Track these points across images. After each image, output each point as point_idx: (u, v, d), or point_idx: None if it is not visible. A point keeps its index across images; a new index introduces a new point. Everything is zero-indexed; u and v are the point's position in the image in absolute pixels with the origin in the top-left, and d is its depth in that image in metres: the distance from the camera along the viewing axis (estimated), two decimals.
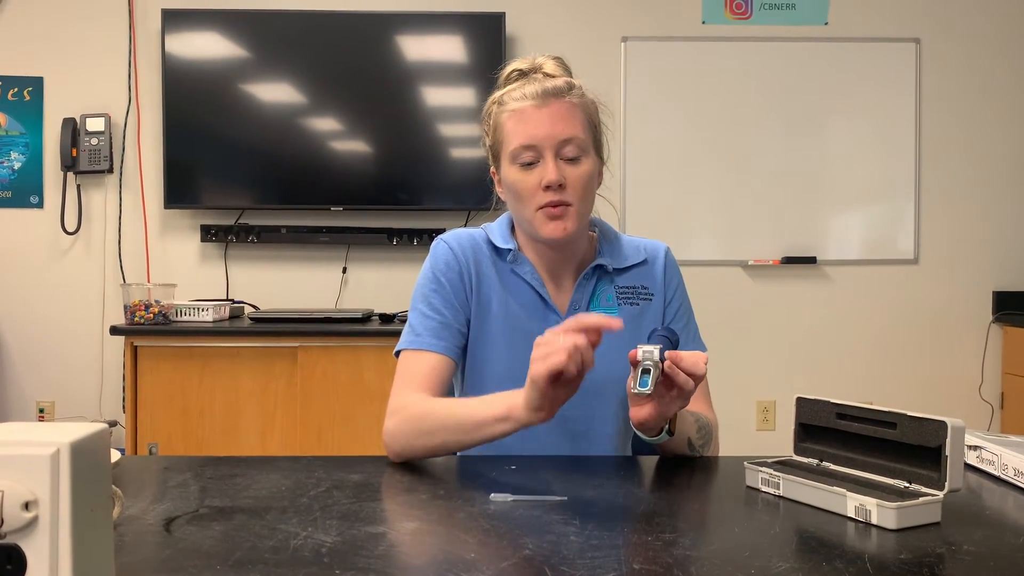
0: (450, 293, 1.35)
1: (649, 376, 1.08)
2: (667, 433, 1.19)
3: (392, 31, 3.53)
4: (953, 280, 3.75)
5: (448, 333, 1.33)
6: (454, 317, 1.34)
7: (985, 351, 3.74)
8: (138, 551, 0.82)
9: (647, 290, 1.40)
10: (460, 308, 1.35)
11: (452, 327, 1.33)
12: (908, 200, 3.72)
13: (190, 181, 3.55)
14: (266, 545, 0.83)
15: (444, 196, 3.56)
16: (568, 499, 1.00)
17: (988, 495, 1.08)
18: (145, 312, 3.09)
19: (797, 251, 3.68)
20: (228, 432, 3.08)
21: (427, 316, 1.33)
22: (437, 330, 1.33)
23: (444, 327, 1.33)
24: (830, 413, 1.08)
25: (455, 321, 1.34)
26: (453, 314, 1.34)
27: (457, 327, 1.34)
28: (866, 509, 0.92)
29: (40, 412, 3.62)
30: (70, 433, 0.58)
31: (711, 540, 0.88)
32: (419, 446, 1.20)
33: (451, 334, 1.33)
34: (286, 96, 3.55)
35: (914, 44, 3.70)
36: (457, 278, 1.35)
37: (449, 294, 1.35)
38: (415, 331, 1.33)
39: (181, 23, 3.51)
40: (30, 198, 3.62)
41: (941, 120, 3.72)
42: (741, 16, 3.70)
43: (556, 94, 1.27)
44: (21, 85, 3.61)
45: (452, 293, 1.35)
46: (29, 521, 0.55)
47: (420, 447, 1.20)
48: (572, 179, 1.27)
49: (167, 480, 1.10)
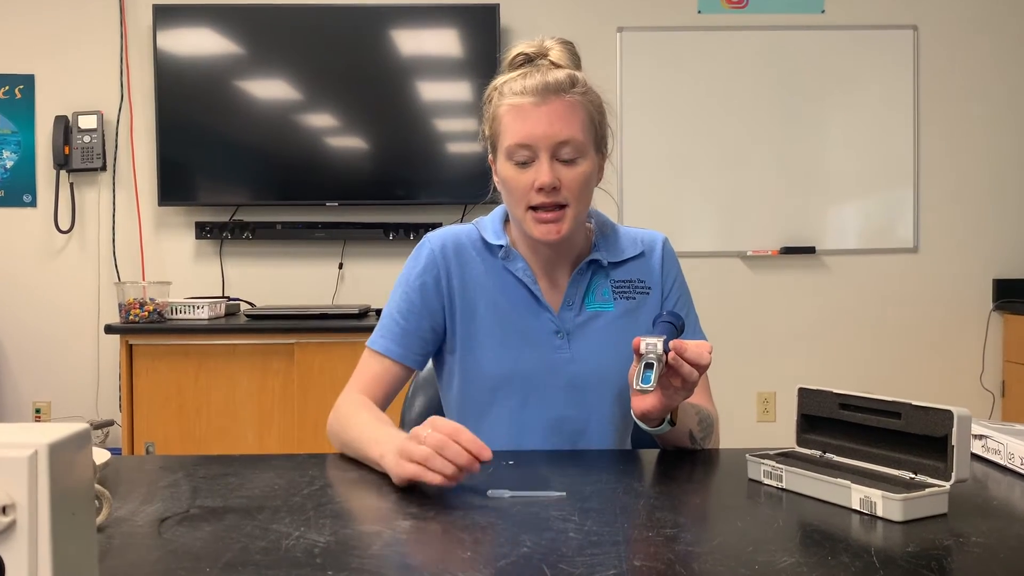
0: (420, 300, 1.34)
1: (652, 371, 1.07)
2: (669, 423, 1.17)
3: (386, 25, 3.51)
4: (953, 268, 3.73)
5: (408, 341, 1.33)
6: (418, 325, 1.34)
7: (986, 339, 3.73)
8: (126, 554, 0.80)
9: (644, 284, 1.38)
10: (429, 315, 1.34)
11: (414, 335, 1.34)
12: (907, 188, 3.70)
13: (184, 178, 3.52)
14: (257, 546, 0.81)
15: (440, 190, 3.54)
16: (567, 495, 0.98)
17: (995, 485, 1.06)
18: (140, 310, 3.07)
19: (796, 241, 3.67)
20: (225, 430, 3.06)
21: (394, 320, 1.35)
22: (398, 336, 1.34)
23: (406, 334, 1.33)
24: (833, 404, 1.06)
25: (419, 328, 1.34)
26: (418, 322, 1.34)
27: (420, 335, 1.34)
28: (871, 501, 0.90)
29: (36, 412, 3.60)
30: (49, 434, 0.56)
31: (713, 535, 0.87)
32: (339, 447, 1.25)
33: (411, 341, 1.34)
34: (280, 91, 3.52)
35: (912, 31, 3.68)
36: (432, 282, 1.34)
37: (419, 301, 1.34)
38: (380, 331, 1.35)
39: (172, 19, 3.48)
40: (23, 197, 3.60)
41: (939, 107, 3.70)
42: (737, 5, 3.68)
43: (557, 90, 1.24)
44: (12, 83, 3.58)
45: (422, 300, 1.34)
46: (6, 526, 0.53)
47: (340, 447, 1.25)
48: (567, 180, 1.24)
49: (158, 480, 1.08)
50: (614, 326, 1.34)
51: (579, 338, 1.33)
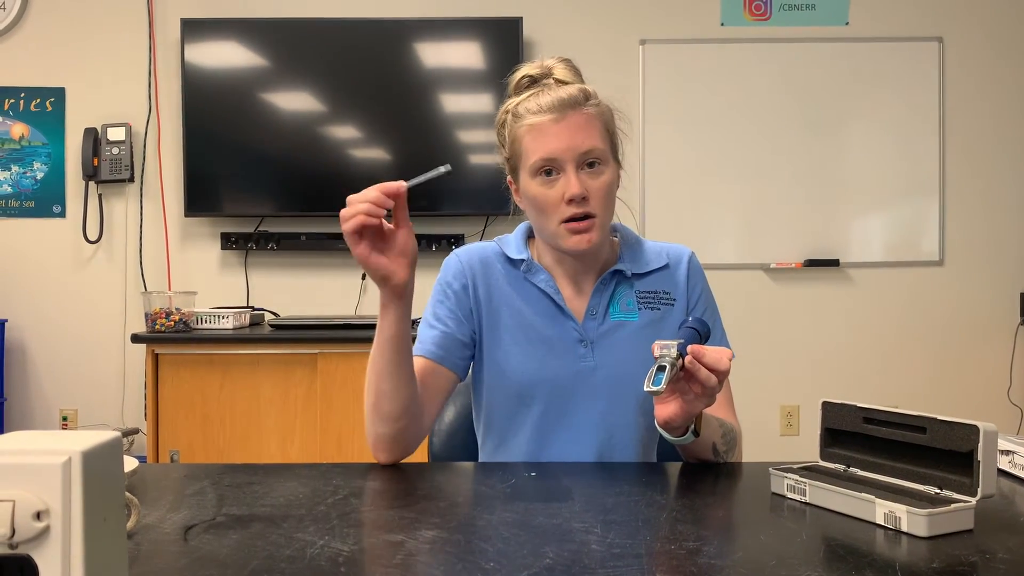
0: (455, 305, 1.36)
1: (664, 374, 1.06)
2: (693, 433, 1.17)
3: (410, 38, 3.54)
4: (979, 282, 3.69)
5: (449, 343, 1.34)
6: (457, 328, 1.35)
7: (1013, 354, 3.68)
8: (154, 560, 0.82)
9: (668, 295, 1.38)
10: (464, 320, 1.35)
11: (455, 338, 1.34)
12: (932, 201, 3.67)
13: (210, 189, 3.56)
14: (283, 554, 0.82)
15: (462, 202, 3.55)
16: (586, 504, 0.98)
17: (1022, 501, 1.05)
18: (166, 320, 3.10)
19: (820, 253, 3.64)
20: (248, 439, 3.08)
21: (432, 326, 1.36)
22: (438, 339, 1.34)
23: (446, 336, 1.34)
24: (857, 417, 1.06)
25: (458, 332, 1.35)
26: (456, 325, 1.35)
27: (460, 339, 1.35)
28: (896, 516, 0.90)
29: (63, 420, 3.65)
30: (82, 441, 0.57)
31: (736, 548, 0.86)
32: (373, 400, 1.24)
33: (452, 344, 1.34)
34: (305, 104, 3.56)
35: (937, 43, 3.66)
36: (462, 290, 1.36)
37: (454, 305, 1.36)
38: (419, 339, 1.36)
39: (200, 32, 3.53)
40: (52, 207, 3.65)
41: (965, 120, 3.67)
42: (760, 17, 3.67)
43: (573, 105, 1.26)
44: (43, 96, 3.64)
45: (457, 305, 1.36)
46: (40, 531, 0.54)
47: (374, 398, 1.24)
48: (594, 190, 1.26)
49: (185, 488, 1.09)
50: (638, 336, 1.34)
51: (603, 347, 1.33)
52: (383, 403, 1.22)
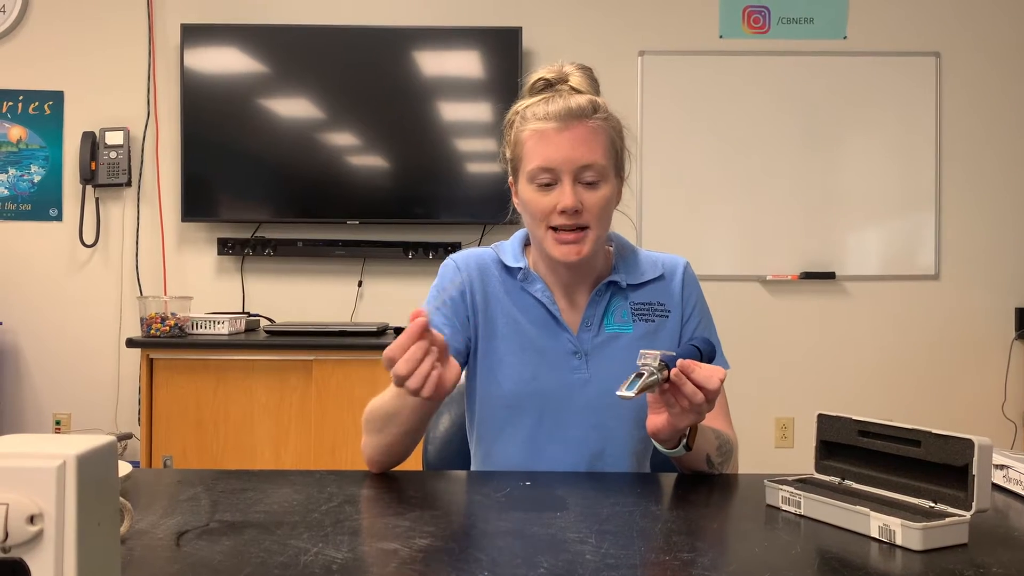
0: (451, 312, 1.35)
1: (639, 380, 1.06)
2: (684, 447, 1.17)
3: (409, 46, 3.54)
4: (975, 296, 3.70)
5: (450, 332, 1.33)
6: (452, 336, 1.33)
7: (1008, 368, 3.69)
8: (147, 566, 0.81)
9: (663, 307, 1.38)
10: (460, 327, 1.35)
11: (450, 344, 1.33)
12: (928, 215, 3.68)
13: (207, 194, 3.56)
14: (276, 561, 0.82)
15: (459, 210, 3.55)
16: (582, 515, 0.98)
17: (1016, 516, 1.05)
18: (161, 325, 3.10)
19: (816, 266, 3.65)
20: (242, 445, 3.08)
21: None
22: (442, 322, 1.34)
23: (447, 325, 1.34)
24: (852, 430, 1.06)
25: (453, 339, 1.33)
26: (452, 333, 1.34)
27: (455, 345, 1.33)
28: (890, 529, 0.90)
29: (56, 424, 3.63)
30: (76, 445, 0.57)
31: (730, 560, 0.86)
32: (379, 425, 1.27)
33: (453, 333, 1.34)
34: (303, 110, 3.56)
35: (934, 58, 3.67)
36: (459, 296, 1.36)
37: (450, 312, 1.35)
38: None
39: (199, 38, 3.54)
40: (49, 211, 3.65)
41: (962, 134, 3.69)
42: (759, 30, 3.69)
43: (579, 116, 1.25)
44: (41, 99, 3.64)
45: (453, 311, 1.35)
46: (34, 535, 0.54)
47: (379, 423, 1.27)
48: (589, 203, 1.26)
49: (178, 494, 1.09)
50: (633, 348, 1.33)
51: (597, 359, 1.33)
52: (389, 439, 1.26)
